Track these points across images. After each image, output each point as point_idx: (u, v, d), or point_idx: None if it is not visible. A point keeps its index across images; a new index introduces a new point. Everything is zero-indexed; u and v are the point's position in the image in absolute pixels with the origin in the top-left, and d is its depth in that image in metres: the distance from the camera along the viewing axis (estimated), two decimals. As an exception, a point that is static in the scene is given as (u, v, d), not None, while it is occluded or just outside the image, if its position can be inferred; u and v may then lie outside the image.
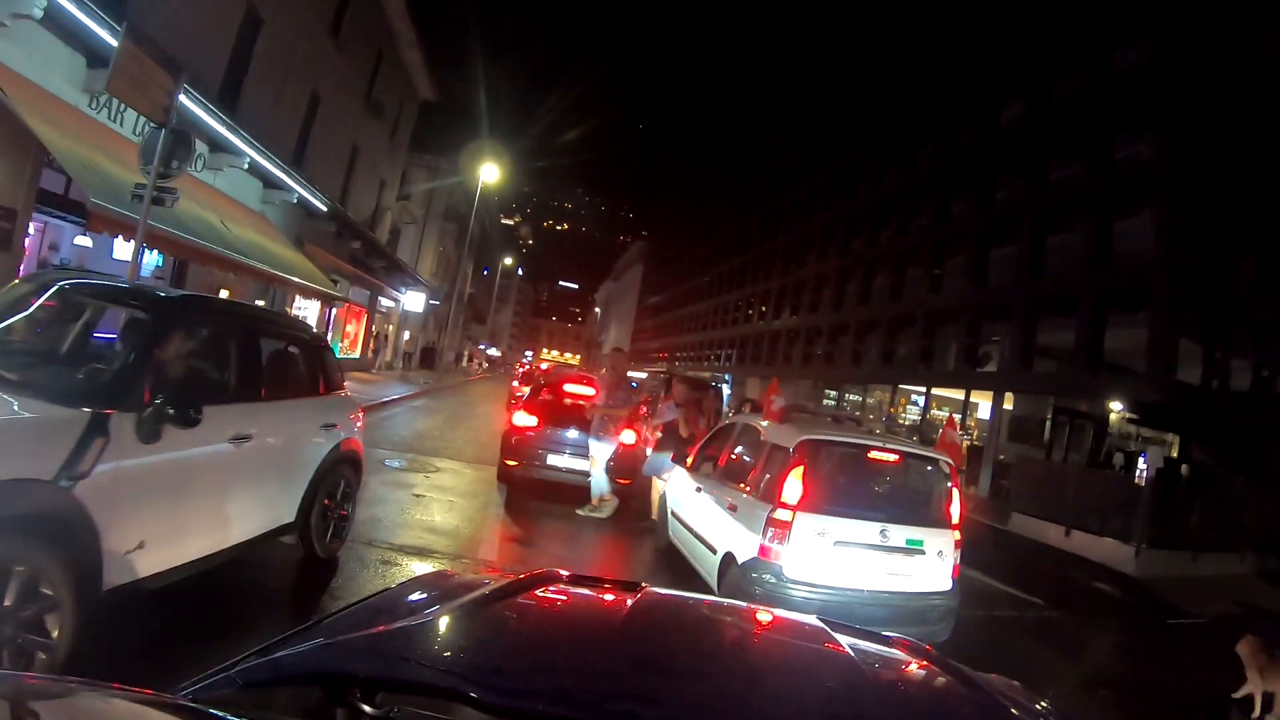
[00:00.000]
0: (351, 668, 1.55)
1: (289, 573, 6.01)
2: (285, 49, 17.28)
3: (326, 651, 1.62)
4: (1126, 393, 21.47)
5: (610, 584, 2.60)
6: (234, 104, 14.90)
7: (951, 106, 30.56)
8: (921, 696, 2.15)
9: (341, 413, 6.43)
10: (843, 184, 39.77)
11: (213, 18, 14.15)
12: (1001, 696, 2.00)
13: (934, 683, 2.22)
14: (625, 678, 1.74)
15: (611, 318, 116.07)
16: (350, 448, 6.46)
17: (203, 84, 12.79)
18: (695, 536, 7.38)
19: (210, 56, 14.21)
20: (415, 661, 1.59)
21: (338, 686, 1.49)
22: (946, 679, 2.16)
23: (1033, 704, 2.07)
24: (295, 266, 16.80)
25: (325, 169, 21.24)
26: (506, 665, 1.71)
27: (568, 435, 10.80)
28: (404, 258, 34.29)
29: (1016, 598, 10.53)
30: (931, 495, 6.56)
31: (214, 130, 13.46)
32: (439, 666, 1.60)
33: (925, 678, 2.24)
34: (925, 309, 30.63)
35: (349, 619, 1.90)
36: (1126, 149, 22.18)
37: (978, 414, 28.47)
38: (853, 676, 1.97)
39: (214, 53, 14.43)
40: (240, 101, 15.40)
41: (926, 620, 5.98)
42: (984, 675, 2.16)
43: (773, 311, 47.33)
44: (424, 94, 31.20)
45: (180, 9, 12.74)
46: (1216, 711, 7.31)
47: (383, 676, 1.51)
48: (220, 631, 4.49)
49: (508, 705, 1.40)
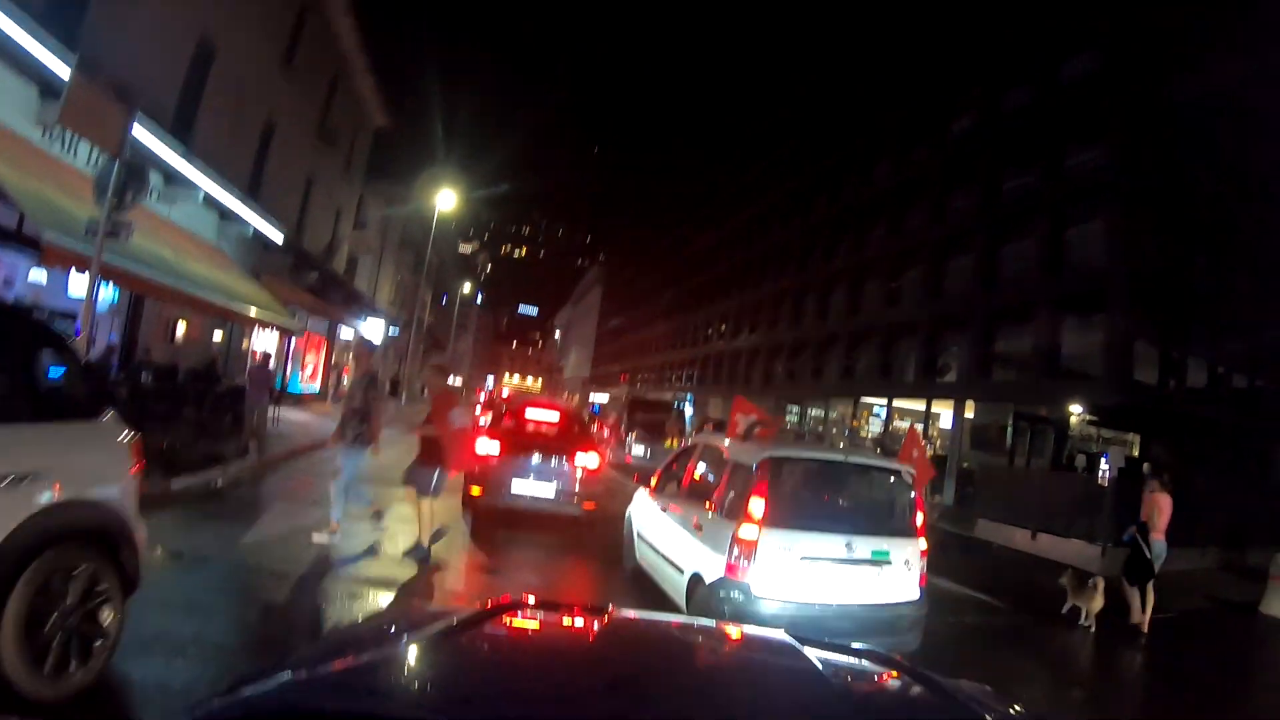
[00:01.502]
0: (319, 703, 1.53)
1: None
2: (238, 79, 17.13)
3: (294, 688, 1.61)
4: (1086, 396, 21.88)
5: (577, 608, 2.64)
6: (188, 135, 14.71)
7: (905, 121, 31.22)
8: (890, 706, 2.17)
9: (66, 453, 3.95)
10: (799, 201, 40.33)
11: (165, 48, 13.99)
12: (971, 701, 2.02)
13: (902, 691, 2.25)
14: (594, 701, 1.73)
15: (572, 342, 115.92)
16: (90, 515, 4.02)
17: (156, 115, 12.63)
18: (662, 558, 7.40)
19: (163, 87, 14.03)
20: (383, 694, 1.60)
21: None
22: (915, 687, 2.19)
23: (1004, 707, 2.10)
24: (252, 299, 16.55)
25: (281, 199, 21.01)
26: (475, 694, 1.71)
27: (531, 461, 10.75)
28: (362, 287, 34.02)
29: (985, 603, 10.68)
30: (895, 506, 6.65)
31: (168, 162, 13.28)
32: (407, 699, 1.61)
33: (893, 687, 2.28)
34: (884, 322, 31.05)
35: (315, 654, 1.90)
36: (1077, 157, 22.76)
37: (940, 423, 28.82)
38: (821, 689, 1.99)
39: (167, 83, 14.25)
40: (194, 132, 15.21)
41: (896, 630, 6.05)
42: (953, 681, 2.17)
43: (733, 330, 47.65)
44: (378, 122, 31.05)
45: (132, 39, 12.57)
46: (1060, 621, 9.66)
47: (351, 711, 1.49)
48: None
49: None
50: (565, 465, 10.81)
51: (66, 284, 12.12)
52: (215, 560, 6.95)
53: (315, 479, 12.38)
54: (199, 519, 8.47)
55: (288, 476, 12.40)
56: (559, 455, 10.90)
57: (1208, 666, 9.27)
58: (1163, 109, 21.43)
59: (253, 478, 11.70)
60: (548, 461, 10.76)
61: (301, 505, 9.89)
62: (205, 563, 6.83)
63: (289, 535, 8.25)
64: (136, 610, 5.39)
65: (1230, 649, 10.54)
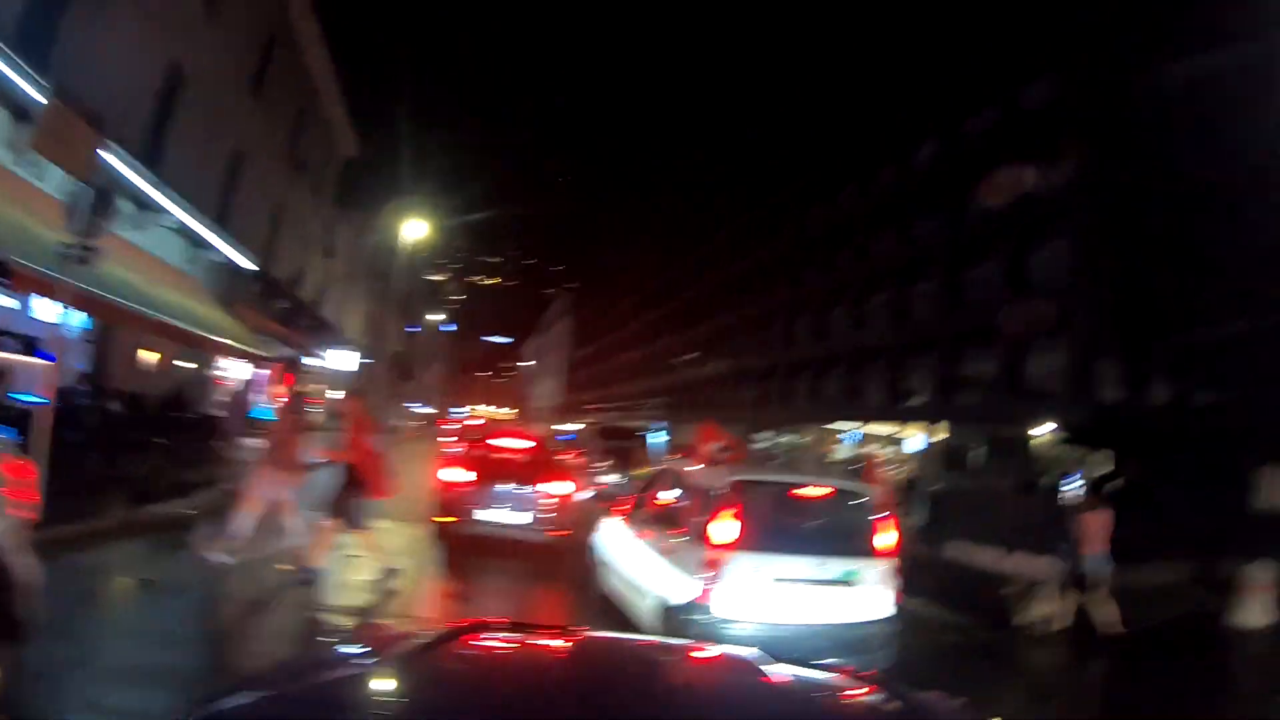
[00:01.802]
0: (289, 716, 1.55)
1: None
2: (208, 106, 17.09)
3: (260, 706, 1.62)
4: (1052, 415, 22.16)
5: (546, 629, 2.60)
6: (158, 161, 14.64)
7: (870, 147, 31.74)
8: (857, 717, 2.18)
9: None
10: (766, 228, 40.80)
11: (135, 74, 13.93)
12: (945, 715, 2.05)
13: (876, 707, 2.24)
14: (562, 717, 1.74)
15: (543, 371, 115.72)
16: None
17: (126, 141, 12.58)
18: (629, 584, 7.41)
19: (133, 113, 13.96)
20: (351, 710, 1.62)
21: None
22: (888, 702, 2.18)
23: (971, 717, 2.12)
24: (222, 328, 16.45)
25: (250, 227, 20.91)
26: (439, 712, 1.71)
27: (503, 489, 10.73)
28: (330, 316, 33.80)
29: (959, 623, 10.72)
30: (864, 526, 6.70)
31: (138, 188, 13.22)
32: (373, 714, 1.63)
33: (867, 703, 2.27)
34: (851, 346, 31.36)
35: (283, 672, 1.95)
36: (1039, 181, 23.19)
37: (910, 447, 29.08)
38: (794, 706, 2.01)
39: (137, 110, 14.18)
40: (164, 159, 15.13)
41: (869, 649, 6.08)
42: (926, 695, 2.18)
43: (702, 358, 47.95)
44: (348, 150, 31.08)
45: (104, 65, 12.53)
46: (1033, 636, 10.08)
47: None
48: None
49: None
50: (536, 493, 10.77)
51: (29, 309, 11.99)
52: (188, 588, 6.88)
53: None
54: (170, 548, 8.37)
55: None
56: (532, 483, 10.87)
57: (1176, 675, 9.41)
58: (1122, 130, 21.99)
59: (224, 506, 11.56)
60: (519, 489, 10.74)
61: (274, 534, 9.79)
62: (178, 591, 6.75)
63: (259, 563, 8.17)
64: (110, 640, 5.38)
65: (1198, 658, 10.69)
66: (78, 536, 7.71)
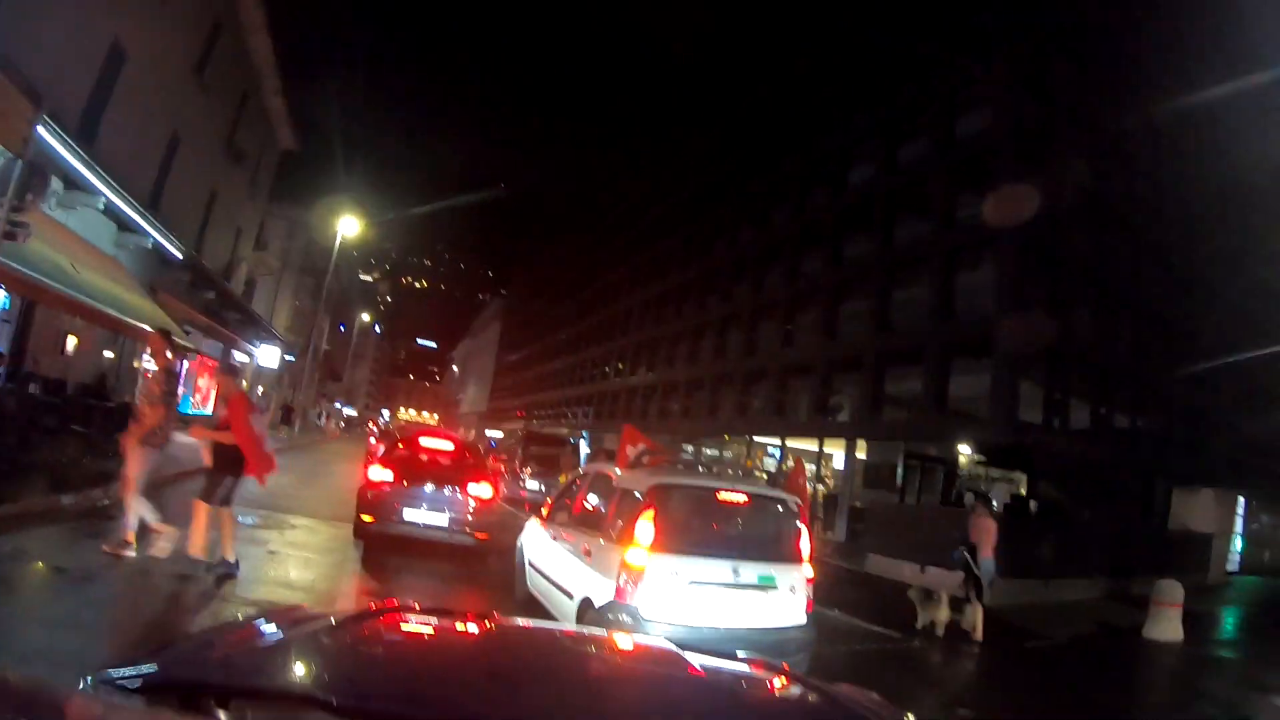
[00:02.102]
0: (203, 677, 1.60)
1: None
2: (148, 87, 16.65)
3: (180, 662, 1.68)
4: (973, 436, 22.86)
5: (459, 613, 2.62)
6: (92, 140, 14.22)
7: (805, 169, 32.32)
8: (770, 706, 2.23)
9: None
10: (699, 243, 41.11)
11: (76, 49, 13.57)
12: (851, 702, 2.08)
13: (783, 693, 2.31)
14: (467, 683, 1.82)
15: (469, 376, 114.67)
16: None
17: (61, 118, 12.21)
18: (553, 584, 7.48)
19: (71, 90, 13.56)
20: (264, 673, 1.67)
21: (192, 695, 1.51)
22: (795, 688, 2.27)
23: (882, 707, 2.13)
24: (147, 314, 15.99)
25: (182, 214, 20.39)
26: (352, 674, 1.79)
27: (424, 490, 10.70)
28: (259, 311, 33.09)
29: (876, 633, 11.00)
30: (781, 533, 6.83)
31: (71, 166, 12.82)
32: (286, 676, 1.67)
33: (774, 689, 2.33)
34: (779, 363, 31.84)
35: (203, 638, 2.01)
36: (968, 209, 23.89)
37: (832, 463, 29.63)
38: (699, 690, 2.07)
39: (75, 86, 13.77)
40: (99, 138, 14.70)
41: (784, 653, 6.10)
42: (835, 685, 2.26)
43: (630, 367, 48.15)
44: (286, 143, 30.49)
45: (43, 38, 12.20)
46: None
47: (232, 684, 1.55)
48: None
49: (350, 706, 1.46)
50: (459, 495, 10.79)
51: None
52: (100, 577, 6.73)
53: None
54: (85, 536, 8.17)
55: (177, 499, 12.03)
56: (453, 485, 10.87)
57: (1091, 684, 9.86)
58: (1048, 164, 22.95)
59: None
60: (441, 491, 10.74)
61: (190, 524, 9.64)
62: (90, 579, 6.60)
63: (176, 554, 8.04)
64: (18, 626, 5.27)
65: (1111, 669, 11.18)
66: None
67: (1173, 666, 11.60)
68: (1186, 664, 11.70)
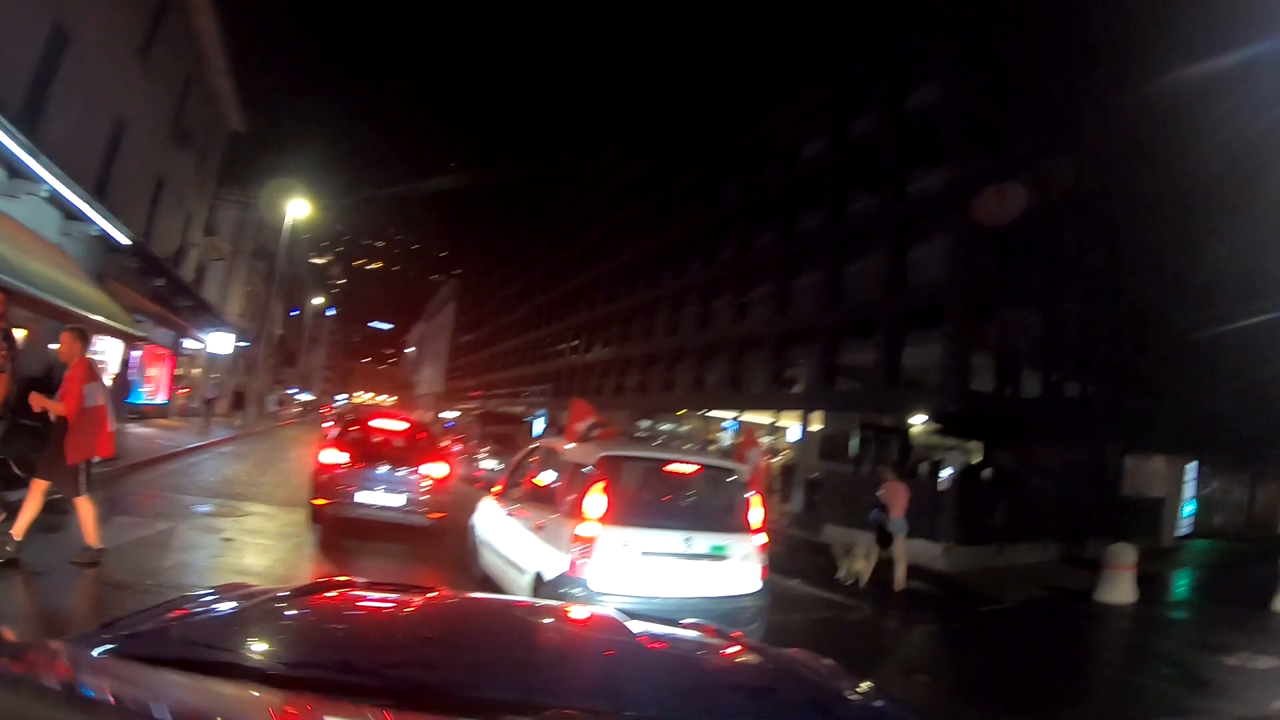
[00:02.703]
0: (141, 650, 1.59)
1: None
2: (92, 70, 16.21)
3: (127, 639, 1.68)
4: (927, 405, 23.16)
5: (405, 587, 2.67)
6: (34, 126, 13.83)
7: (755, 144, 32.39)
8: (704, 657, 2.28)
9: None
10: (650, 219, 41.12)
11: (16, 33, 13.18)
12: (799, 665, 2.14)
13: (721, 650, 2.38)
14: (408, 651, 1.85)
15: (425, 358, 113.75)
16: None
17: (2, 103, 11.90)
18: (506, 561, 7.50)
19: (11, 74, 13.19)
20: (202, 645, 1.66)
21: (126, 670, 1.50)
22: (735, 648, 2.33)
23: (840, 674, 2.17)
24: (95, 304, 15.67)
25: (129, 200, 19.90)
26: (293, 646, 1.83)
27: (378, 472, 10.66)
28: (211, 297, 32.49)
29: (832, 600, 11.19)
30: (732, 503, 6.87)
31: (11, 153, 12.50)
32: (228, 647, 1.68)
33: (712, 647, 2.39)
34: (733, 336, 32.05)
35: (149, 614, 1.97)
36: (919, 182, 24.26)
37: (788, 435, 29.94)
38: (643, 656, 2.09)
39: (15, 70, 13.38)
40: (41, 124, 14.29)
41: (738, 622, 6.18)
42: (785, 651, 2.31)
43: (585, 344, 48.19)
44: (234, 125, 29.83)
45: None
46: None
47: (170, 657, 1.54)
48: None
49: (288, 675, 1.49)
50: (413, 476, 10.80)
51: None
52: (52, 573, 6.69)
53: (160, 492, 12.14)
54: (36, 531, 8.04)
55: (130, 490, 11.90)
56: (407, 466, 10.90)
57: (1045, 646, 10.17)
58: (997, 136, 23.29)
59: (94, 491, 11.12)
60: (395, 472, 10.74)
61: (144, 518, 9.55)
62: (42, 575, 6.55)
63: (130, 547, 7.97)
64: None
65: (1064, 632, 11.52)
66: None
67: (1124, 628, 11.97)
68: (1138, 625, 12.07)
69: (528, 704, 1.49)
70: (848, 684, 2.09)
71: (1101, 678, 8.94)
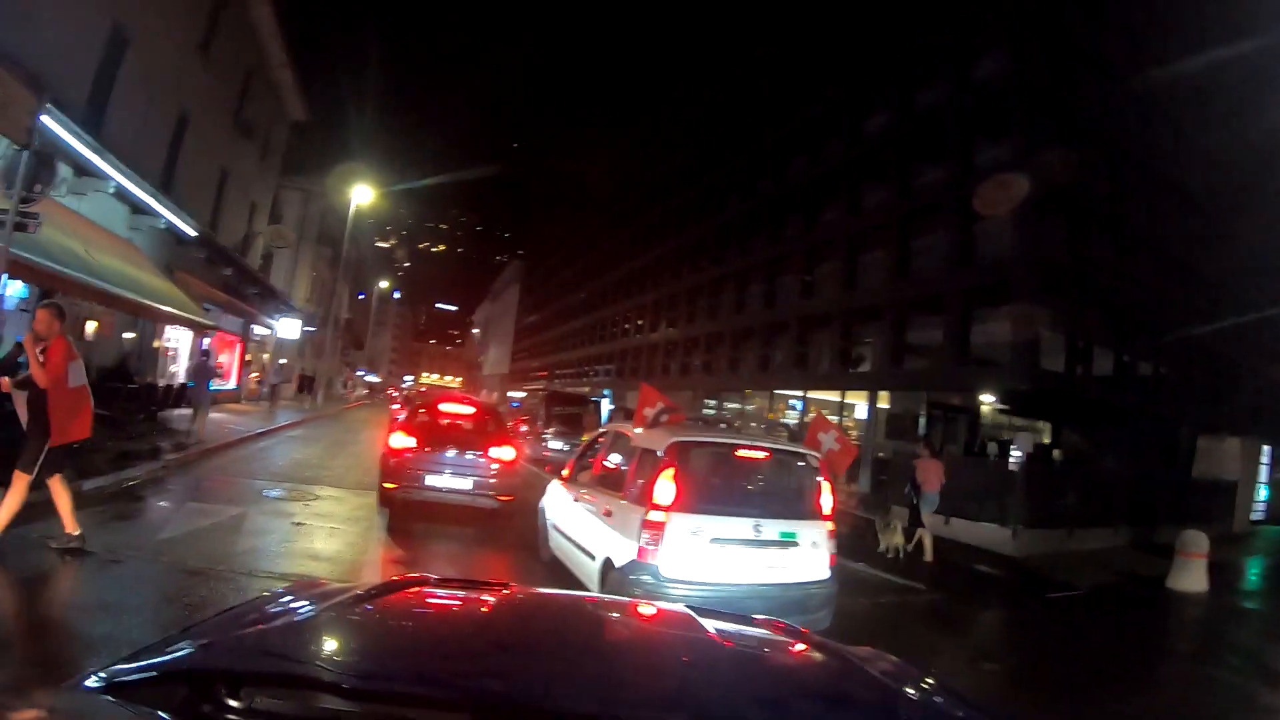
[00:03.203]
0: (213, 664, 1.58)
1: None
2: (153, 68, 16.62)
3: (191, 651, 1.64)
4: (995, 384, 22.55)
5: (478, 584, 2.63)
6: (99, 125, 14.23)
7: (819, 119, 31.75)
8: (786, 669, 2.22)
9: None
10: (715, 196, 40.63)
11: (77, 36, 13.54)
12: (868, 664, 2.08)
13: (795, 652, 2.31)
14: (484, 658, 1.81)
15: (491, 338, 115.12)
16: None
17: (66, 104, 12.21)
18: (575, 545, 7.50)
19: (74, 76, 13.56)
20: (276, 656, 1.63)
21: (203, 683, 1.47)
22: (808, 649, 2.25)
23: (904, 671, 2.13)
24: (165, 295, 16.15)
25: (195, 192, 20.46)
26: (367, 654, 1.78)
27: (446, 455, 10.78)
28: (278, 284, 33.27)
29: (900, 584, 10.96)
30: (802, 489, 6.76)
31: (78, 153, 12.84)
32: (299, 659, 1.63)
33: (791, 653, 2.32)
34: (799, 314, 31.62)
35: (215, 623, 1.93)
36: (986, 154, 23.43)
37: (855, 413, 29.52)
38: (716, 655, 2.05)
39: (78, 72, 13.77)
40: (106, 123, 14.71)
41: (807, 609, 6.17)
42: (854, 649, 2.25)
43: (649, 324, 47.98)
44: (295, 115, 30.40)
45: (43, 26, 12.17)
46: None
47: (244, 671, 1.52)
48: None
49: (364, 688, 1.45)
50: (481, 458, 10.86)
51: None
52: (129, 559, 6.79)
53: (231, 477, 12.31)
54: (112, 519, 8.29)
55: (203, 475, 12.21)
56: (474, 449, 10.97)
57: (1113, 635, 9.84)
58: (1066, 106, 22.40)
59: (167, 477, 11.45)
60: (463, 455, 10.82)
61: (216, 504, 9.77)
62: (118, 562, 6.64)
63: (203, 533, 8.12)
64: (44, 609, 5.36)
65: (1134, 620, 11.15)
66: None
67: (1197, 617, 11.55)
68: (1210, 615, 11.63)
69: (606, 716, 1.49)
70: (919, 686, 2.04)
71: (1172, 668, 8.63)
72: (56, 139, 11.76)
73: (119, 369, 17.21)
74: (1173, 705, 7.17)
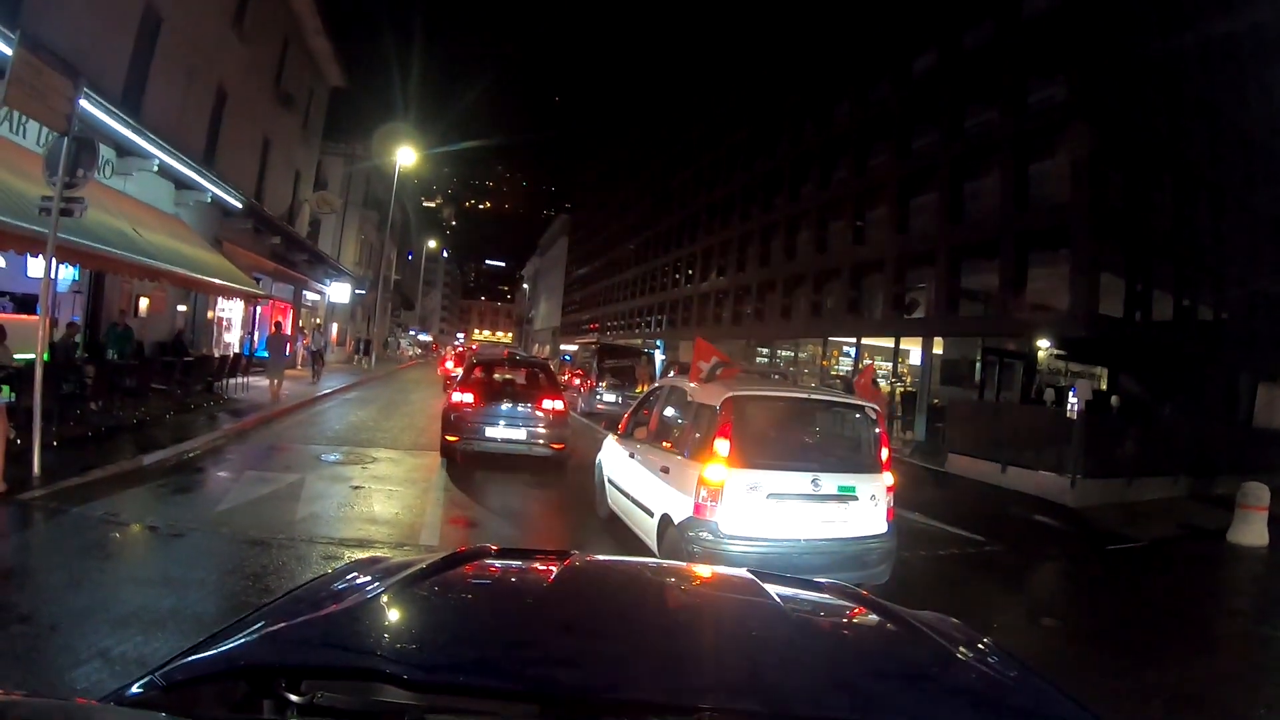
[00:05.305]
0: (274, 658, 1.55)
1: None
2: (188, 45, 16.73)
3: (249, 645, 1.60)
4: (1052, 329, 21.97)
5: (539, 554, 2.60)
6: (138, 105, 14.43)
7: (866, 60, 30.85)
8: (852, 637, 2.21)
9: None
10: (762, 142, 39.88)
11: (111, 19, 13.64)
12: (931, 630, 2.04)
13: (865, 623, 2.27)
14: (548, 642, 1.77)
15: (540, 293, 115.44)
16: None
17: (104, 87, 12.38)
18: (633, 501, 7.49)
19: (111, 58, 13.71)
20: (337, 647, 1.61)
21: (263, 679, 1.46)
22: (876, 619, 2.20)
23: (968, 638, 2.10)
24: (214, 268, 16.41)
25: (238, 164, 20.68)
26: (429, 641, 1.73)
27: (501, 408, 11.69)
28: (325, 249, 33.61)
29: (957, 536, 10.73)
30: (860, 442, 6.66)
31: (119, 134, 13.04)
32: (360, 649, 1.60)
33: (855, 619, 2.30)
34: (850, 260, 31.06)
35: (272, 612, 1.88)
36: (1039, 93, 22.58)
37: (909, 360, 29.11)
38: (782, 622, 2.02)
39: (114, 54, 13.91)
40: (145, 102, 14.90)
41: (866, 564, 6.11)
42: (916, 612, 2.21)
43: (700, 273, 47.56)
44: (334, 81, 30.46)
45: (77, 12, 12.29)
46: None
47: (305, 664, 1.51)
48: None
49: (428, 680, 1.44)
50: (534, 410, 11.76)
51: (25, 266, 12.00)
52: (191, 532, 6.92)
53: (288, 444, 12.52)
54: (172, 492, 8.50)
55: (260, 442, 12.48)
56: (527, 402, 11.91)
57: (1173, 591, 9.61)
58: (1124, 44, 21.40)
59: (225, 447, 11.73)
60: (517, 408, 11.75)
61: (274, 471, 9.98)
62: (180, 535, 6.78)
63: (262, 501, 8.29)
64: (110, 586, 5.52)
65: (1195, 575, 10.85)
66: (78, 488, 7.83)
67: (1258, 573, 11.14)
68: (1272, 570, 11.24)
69: (674, 706, 1.46)
70: (984, 653, 2.00)
71: (1233, 627, 8.35)
72: (96, 122, 11.94)
73: (174, 343, 17.66)
74: (1238, 671, 6.95)
